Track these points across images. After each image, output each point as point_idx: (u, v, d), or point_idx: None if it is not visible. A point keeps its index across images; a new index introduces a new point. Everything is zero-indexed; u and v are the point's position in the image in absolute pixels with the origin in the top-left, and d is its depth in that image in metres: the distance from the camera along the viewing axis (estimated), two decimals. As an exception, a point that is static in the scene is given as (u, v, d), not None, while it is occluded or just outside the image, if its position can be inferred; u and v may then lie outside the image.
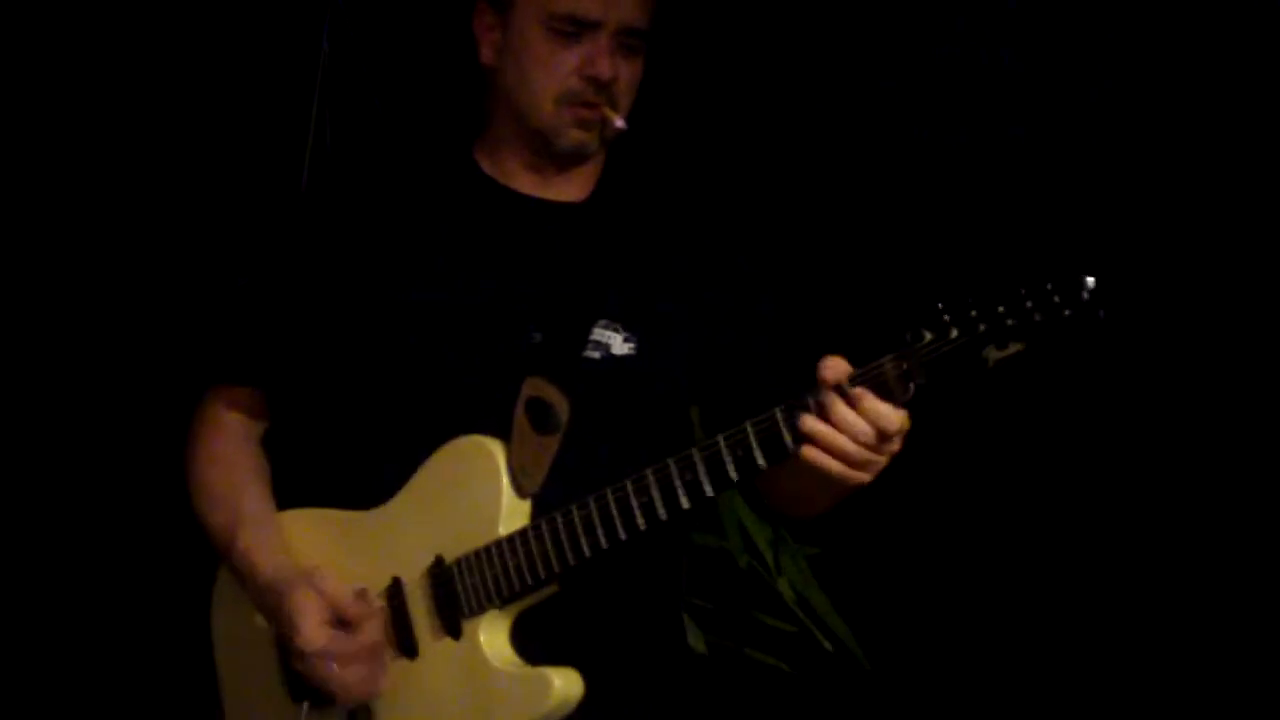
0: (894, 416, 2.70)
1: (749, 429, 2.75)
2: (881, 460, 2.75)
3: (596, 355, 3.00)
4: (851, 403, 2.69)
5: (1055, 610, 4.31)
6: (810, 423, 2.70)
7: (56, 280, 4.40)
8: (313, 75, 4.31)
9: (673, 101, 3.32)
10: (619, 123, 3.00)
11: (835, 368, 2.72)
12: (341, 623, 2.94)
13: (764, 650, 4.22)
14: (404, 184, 3.12)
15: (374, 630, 2.94)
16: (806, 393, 2.73)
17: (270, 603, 2.99)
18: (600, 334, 3.00)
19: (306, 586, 2.95)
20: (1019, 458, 4.22)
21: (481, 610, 2.91)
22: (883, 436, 2.71)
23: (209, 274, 4.27)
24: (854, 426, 2.69)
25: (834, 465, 2.72)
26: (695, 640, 3.96)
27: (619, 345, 3.00)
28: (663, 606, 3.10)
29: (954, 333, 2.63)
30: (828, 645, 4.14)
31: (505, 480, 2.93)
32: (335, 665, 2.93)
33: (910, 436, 2.76)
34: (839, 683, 4.28)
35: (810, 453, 2.72)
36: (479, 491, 2.94)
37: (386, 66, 4.35)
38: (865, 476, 2.75)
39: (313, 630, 2.93)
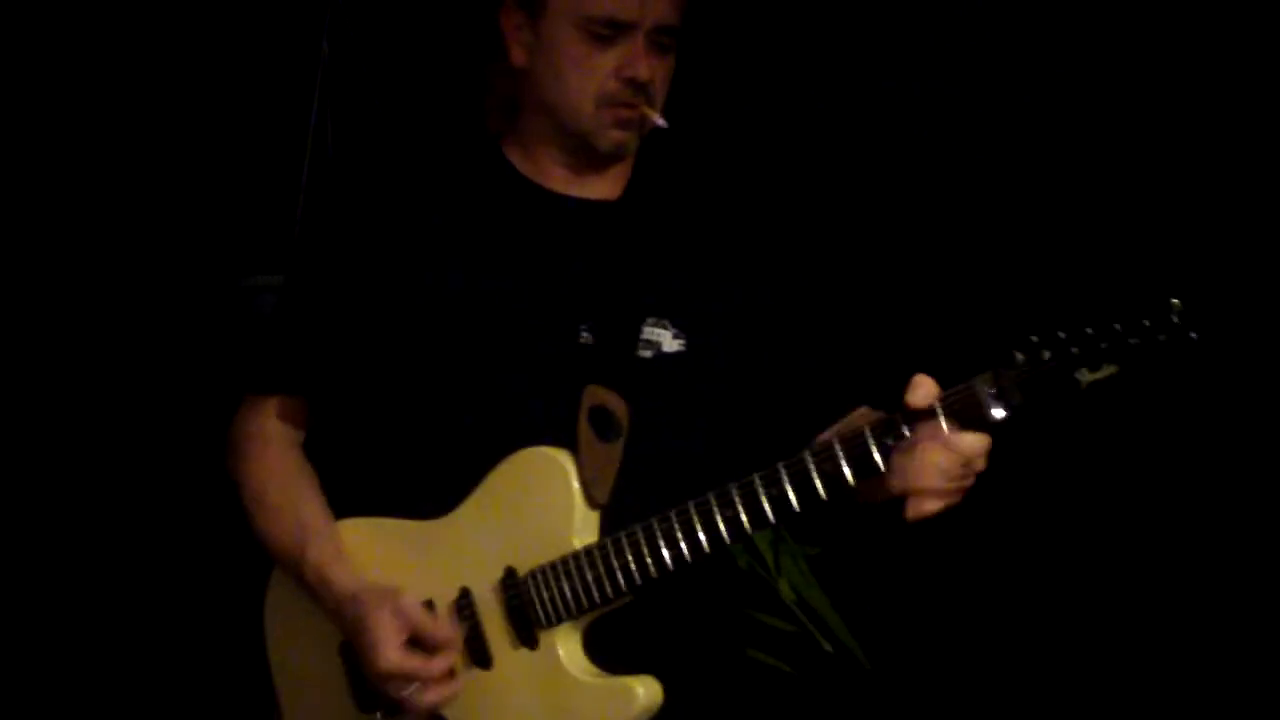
0: (979, 446, 2.74)
1: (837, 448, 2.77)
2: (967, 485, 2.79)
3: (649, 354, 3.00)
4: (944, 442, 2.72)
5: (1055, 610, 4.33)
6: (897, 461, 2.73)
7: (54, 280, 4.36)
8: (313, 75, 4.30)
9: (701, 96, 3.32)
10: (660, 121, 3.00)
11: (926, 390, 2.73)
12: (419, 643, 2.93)
13: (764, 650, 4.24)
14: (436, 184, 3.09)
15: (452, 654, 2.93)
16: (898, 418, 2.74)
17: (350, 616, 2.96)
18: (650, 332, 3.01)
19: (388, 606, 2.93)
20: (1018, 456, 4.23)
21: (559, 621, 2.91)
22: (968, 464, 2.75)
23: (218, 277, 4.25)
24: (932, 460, 2.73)
25: (929, 506, 2.78)
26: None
27: (669, 342, 3.01)
28: (731, 607, 3.13)
29: (1045, 354, 2.67)
30: (827, 646, 4.16)
31: (578, 492, 2.93)
32: (412, 688, 2.92)
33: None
34: (839, 683, 4.30)
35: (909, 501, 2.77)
36: (550, 503, 2.93)
37: (399, 64, 4.33)
38: (955, 501, 2.80)
39: (393, 652, 2.91)
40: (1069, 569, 4.33)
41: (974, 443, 2.72)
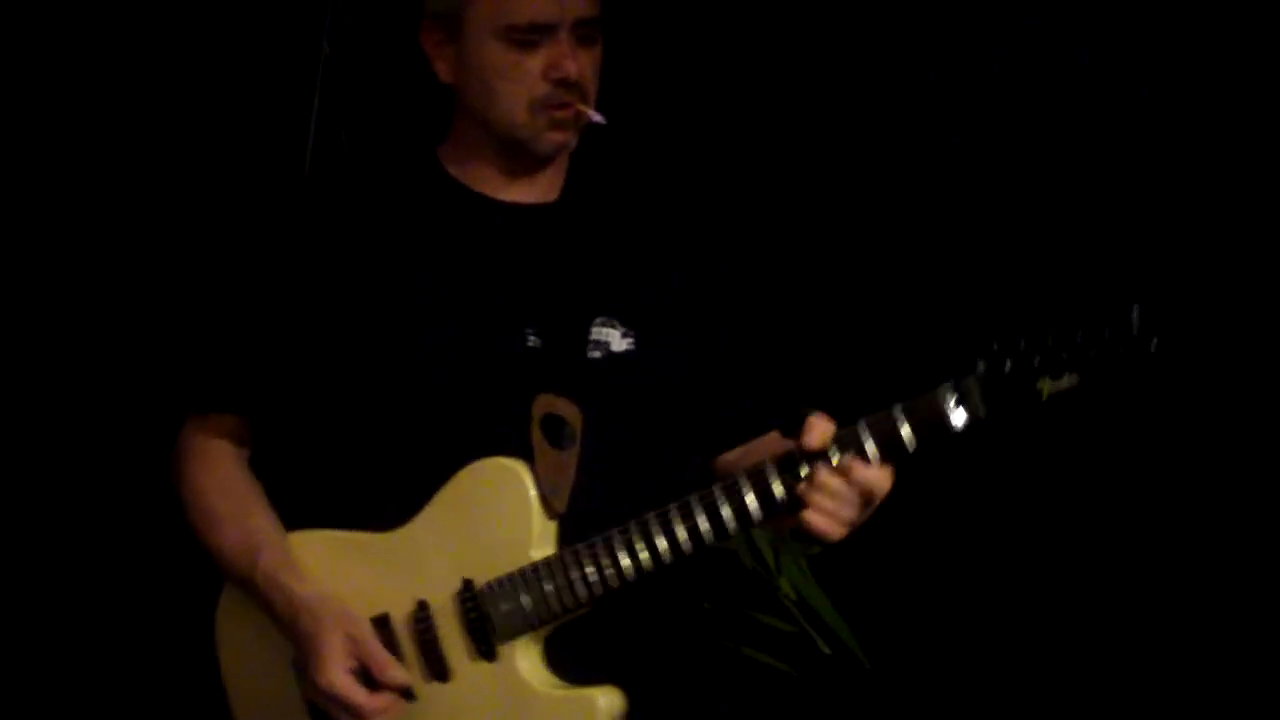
0: (883, 481, 2.80)
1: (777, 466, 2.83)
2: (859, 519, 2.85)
3: (598, 354, 3.00)
4: (842, 473, 2.78)
5: (1055, 610, 4.32)
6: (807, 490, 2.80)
7: (53, 280, 4.37)
8: (313, 75, 4.30)
9: (634, 91, 3.31)
10: (596, 116, 2.99)
11: (821, 434, 2.79)
12: (365, 673, 2.91)
13: (764, 650, 4.23)
14: (375, 196, 3.07)
15: (391, 695, 2.91)
16: (799, 456, 2.81)
17: (301, 626, 2.94)
18: (598, 332, 3.00)
19: (343, 630, 2.91)
20: (1017, 456, 4.22)
21: (517, 634, 2.90)
22: (867, 501, 2.81)
23: (193, 292, 4.25)
24: (844, 496, 2.79)
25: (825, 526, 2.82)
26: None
27: (618, 341, 3.01)
28: (689, 610, 3.10)
29: (1007, 364, 2.68)
30: (826, 649, 4.15)
31: (535, 503, 2.92)
32: (347, 714, 2.91)
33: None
34: (839, 683, 4.28)
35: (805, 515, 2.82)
36: (508, 514, 2.92)
37: (406, 63, 4.33)
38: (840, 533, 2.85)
39: (338, 674, 2.90)
40: (1068, 569, 4.31)
41: (874, 477, 2.79)
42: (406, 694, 2.92)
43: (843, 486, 2.78)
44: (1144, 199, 4.15)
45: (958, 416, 2.74)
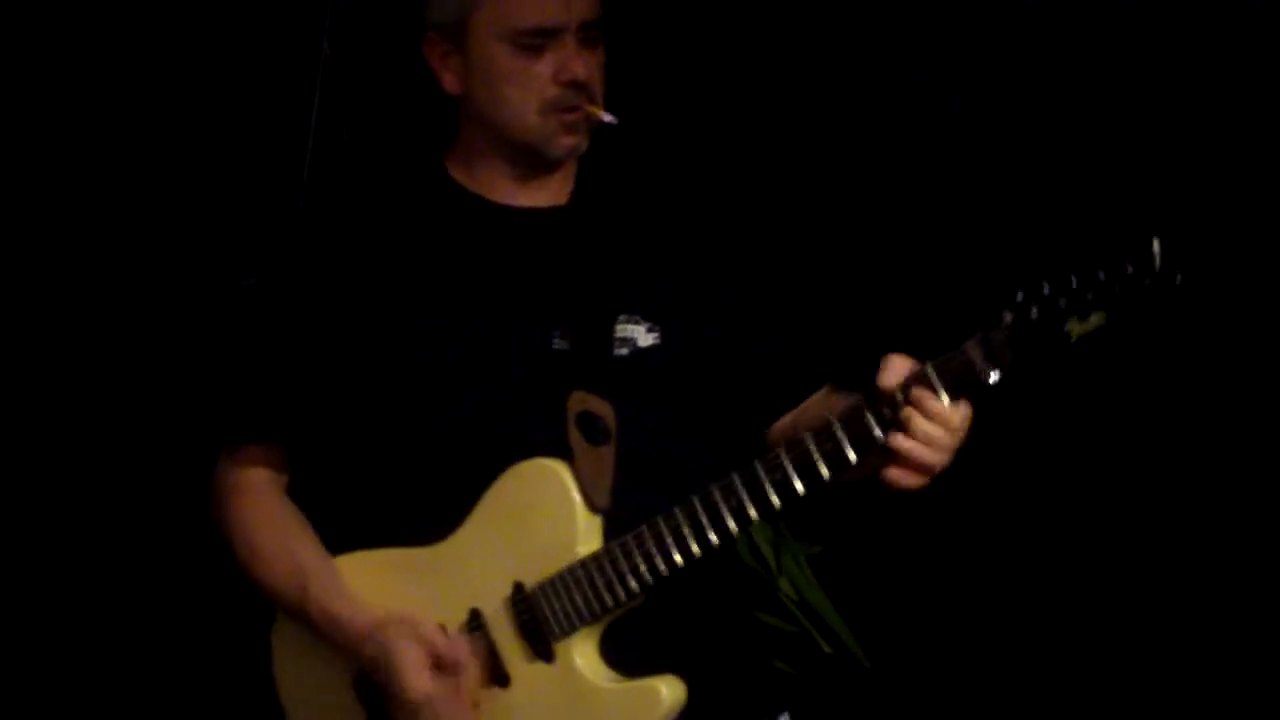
0: (956, 415, 2.73)
1: (837, 427, 2.77)
2: (948, 457, 2.78)
3: (625, 351, 2.99)
4: (923, 410, 2.72)
5: (1055, 610, 4.30)
6: (896, 439, 2.74)
7: (54, 281, 4.38)
8: (313, 75, 4.29)
9: (638, 89, 3.29)
10: (607, 117, 2.99)
11: (896, 370, 2.74)
12: (440, 666, 2.92)
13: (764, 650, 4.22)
14: (388, 211, 3.07)
15: (472, 670, 2.93)
16: (865, 401, 2.75)
17: (370, 652, 2.95)
18: (623, 329, 3.00)
19: (409, 635, 2.93)
20: (1018, 454, 4.19)
21: (573, 631, 2.90)
22: (949, 440, 2.75)
23: (219, 278, 4.25)
24: (931, 434, 2.73)
25: (912, 479, 2.78)
26: None
27: (644, 337, 3.00)
28: (741, 599, 3.12)
29: (1034, 311, 2.65)
30: (826, 648, 4.13)
31: (578, 500, 2.92)
32: (441, 713, 2.92)
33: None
34: (839, 683, 4.26)
35: (891, 472, 2.77)
36: (552, 514, 2.93)
37: (406, 64, 4.32)
38: (938, 467, 2.78)
39: (418, 679, 2.91)
40: (1068, 568, 4.29)
41: (947, 411, 2.72)
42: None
43: (927, 425, 2.73)
44: (1152, 134, 4.11)
45: (990, 368, 2.70)
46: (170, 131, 4.39)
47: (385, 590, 2.99)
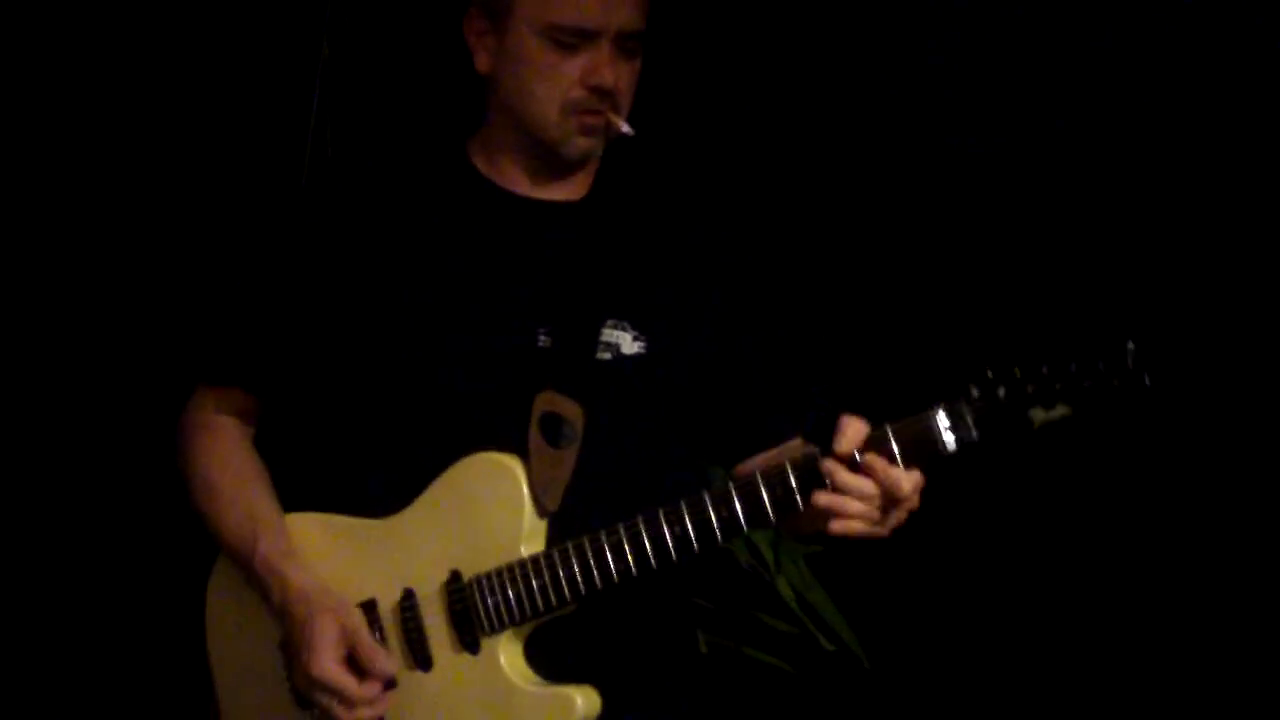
0: (905, 482, 2.76)
1: (790, 474, 2.80)
2: (896, 519, 2.80)
3: (607, 356, 3.00)
4: (864, 471, 2.75)
5: (1055, 609, 4.32)
6: (821, 497, 2.77)
7: (53, 279, 4.39)
8: (313, 75, 4.32)
9: (666, 98, 3.33)
10: (625, 128, 3.00)
11: (854, 434, 2.77)
12: (353, 662, 2.94)
13: (764, 650, 4.24)
14: (400, 185, 3.10)
15: (379, 684, 2.94)
16: (819, 454, 2.79)
17: (295, 614, 2.97)
18: (609, 334, 3.01)
19: (335, 616, 2.94)
20: (1015, 458, 4.21)
21: (502, 628, 2.92)
22: (894, 500, 2.77)
23: (203, 272, 4.26)
24: (862, 491, 2.76)
25: (849, 527, 2.79)
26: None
27: (629, 344, 3.01)
28: (673, 616, 3.11)
29: (1001, 391, 2.69)
30: (828, 645, 4.15)
31: (527, 500, 2.93)
32: (335, 701, 2.93)
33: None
34: (839, 683, 4.28)
35: (823, 522, 2.79)
36: (499, 509, 2.94)
37: (379, 66, 4.35)
38: (881, 531, 2.81)
39: (329, 662, 2.92)
40: (1067, 569, 4.31)
41: (898, 476, 2.75)
42: (390, 684, 2.95)
43: (864, 485, 2.76)
44: (1140, 229, 4.16)
45: (949, 439, 2.74)
46: (170, 131, 4.41)
47: (326, 554, 3.01)
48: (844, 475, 2.75)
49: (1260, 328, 4.10)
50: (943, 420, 2.73)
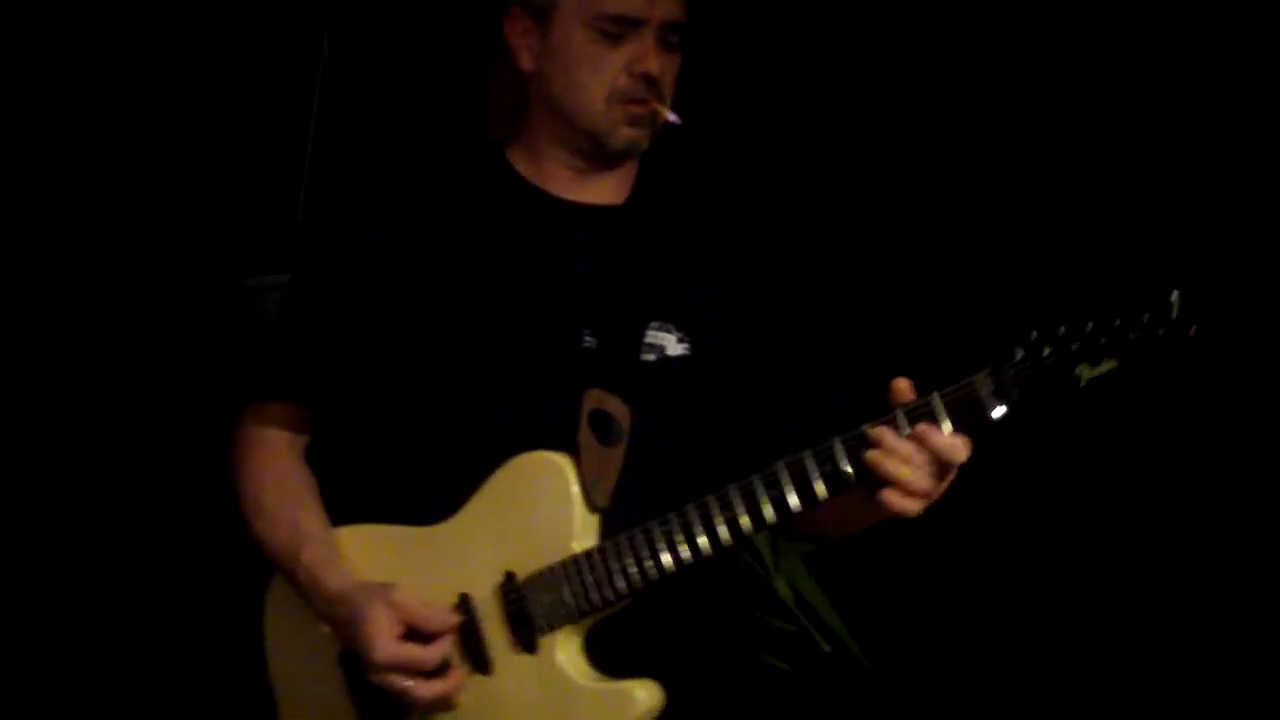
0: (960, 448, 2.75)
1: (838, 448, 2.79)
2: (937, 492, 2.80)
3: (652, 358, 3.00)
4: (917, 437, 2.74)
5: (1054, 609, 4.31)
6: (873, 455, 2.76)
7: (56, 281, 4.36)
8: (313, 75, 4.30)
9: (705, 99, 3.32)
10: (672, 116, 3.02)
11: (903, 395, 2.77)
12: (415, 635, 2.92)
13: (764, 650, 4.23)
14: (439, 191, 3.09)
15: (448, 641, 2.93)
16: (868, 424, 2.78)
17: (341, 616, 2.96)
18: (654, 336, 3.00)
19: (379, 600, 2.92)
20: (1017, 453, 4.22)
21: (557, 626, 2.91)
22: (944, 469, 2.77)
23: (220, 278, 4.25)
24: (912, 456, 2.75)
25: (905, 505, 2.79)
26: None
27: (674, 346, 3.01)
28: (733, 610, 3.11)
29: (1046, 350, 2.68)
30: (826, 646, 4.15)
31: (577, 496, 2.93)
32: (410, 678, 2.91)
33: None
34: (839, 683, 4.28)
35: (878, 497, 2.79)
36: (550, 508, 2.93)
37: (400, 66, 4.33)
38: (917, 507, 2.81)
39: (389, 643, 2.90)
40: (1068, 567, 4.30)
41: (950, 444, 2.74)
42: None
43: (915, 451, 2.75)
44: (1187, 183, 4.14)
45: (994, 404, 2.73)
46: (170, 131, 4.39)
47: (381, 565, 3.00)
48: (893, 439, 2.75)
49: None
50: (987, 385, 2.72)
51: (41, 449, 4.34)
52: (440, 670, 2.93)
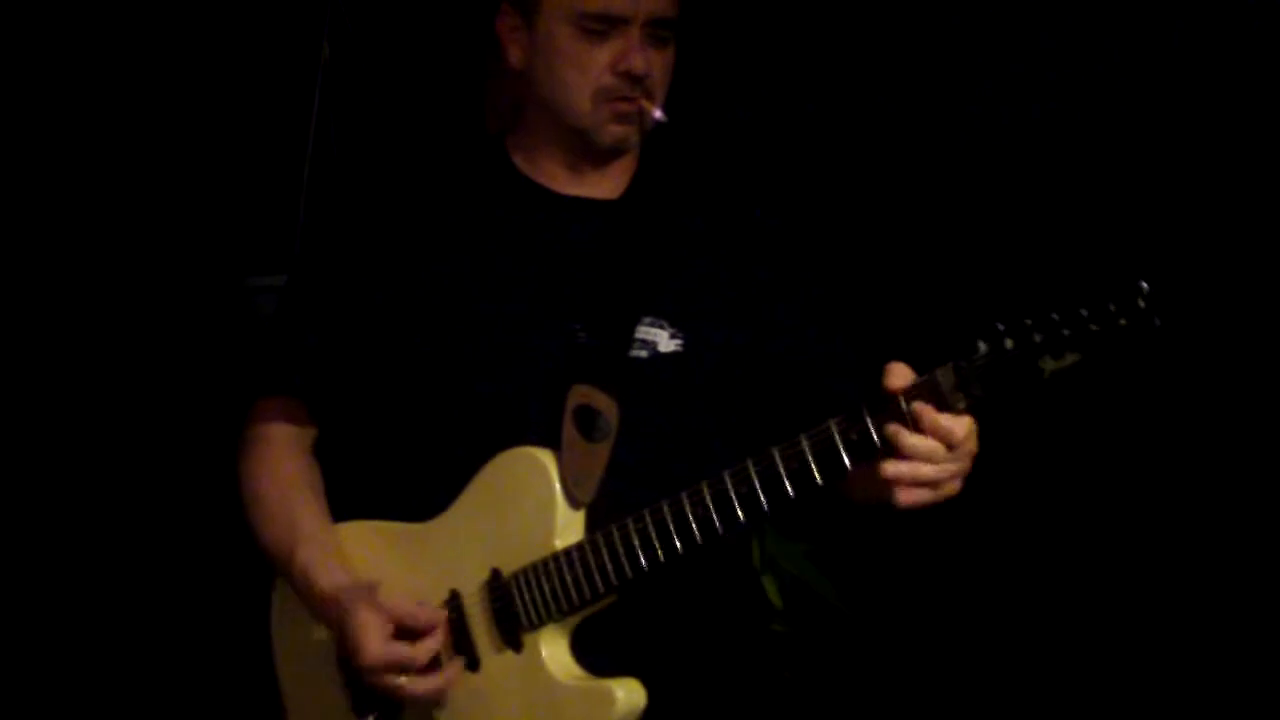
0: (958, 426, 2.69)
1: (803, 442, 2.75)
2: (959, 468, 2.75)
3: (644, 354, 3.00)
4: (915, 425, 2.69)
5: (1054, 605, 4.31)
6: (889, 465, 2.71)
7: (56, 281, 4.39)
8: (313, 75, 4.32)
9: (704, 94, 3.32)
10: (658, 114, 3.01)
11: (900, 375, 2.71)
12: (404, 633, 2.94)
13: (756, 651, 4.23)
14: (439, 185, 3.11)
15: (437, 638, 2.94)
16: (864, 406, 2.72)
17: (332, 617, 2.98)
18: (646, 331, 3.01)
19: (364, 601, 2.94)
20: (1016, 447, 4.22)
21: (542, 623, 2.92)
22: (952, 446, 2.71)
23: (221, 278, 4.27)
24: (924, 449, 2.70)
25: (915, 496, 2.74)
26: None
27: (665, 342, 3.01)
28: (723, 609, 3.10)
29: (1009, 343, 2.64)
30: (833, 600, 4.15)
31: (558, 493, 2.93)
32: (402, 677, 2.93)
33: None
34: (839, 683, 4.29)
35: (898, 492, 2.74)
36: (532, 504, 2.94)
37: (400, 65, 4.35)
38: (954, 488, 2.77)
39: (376, 644, 2.92)
40: (1067, 561, 4.30)
41: (948, 422, 2.69)
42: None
43: (919, 440, 2.69)
44: (1151, 175, 4.14)
45: (956, 398, 2.68)
46: (172, 131, 4.41)
47: (376, 562, 3.02)
48: (907, 437, 2.69)
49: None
50: (949, 379, 2.67)
51: (44, 449, 4.37)
52: (431, 666, 2.94)
